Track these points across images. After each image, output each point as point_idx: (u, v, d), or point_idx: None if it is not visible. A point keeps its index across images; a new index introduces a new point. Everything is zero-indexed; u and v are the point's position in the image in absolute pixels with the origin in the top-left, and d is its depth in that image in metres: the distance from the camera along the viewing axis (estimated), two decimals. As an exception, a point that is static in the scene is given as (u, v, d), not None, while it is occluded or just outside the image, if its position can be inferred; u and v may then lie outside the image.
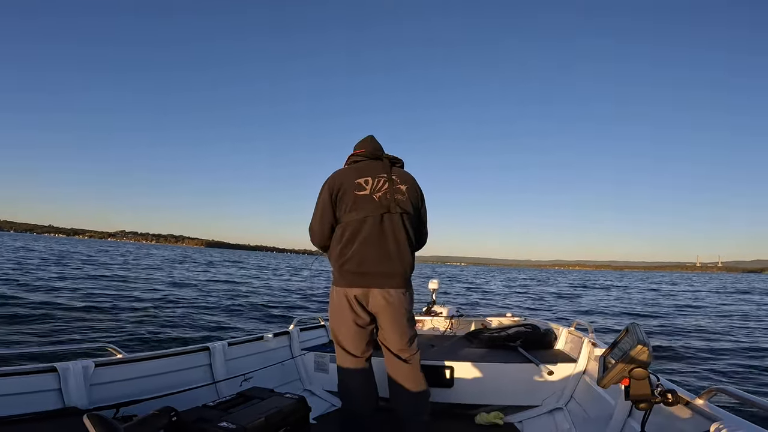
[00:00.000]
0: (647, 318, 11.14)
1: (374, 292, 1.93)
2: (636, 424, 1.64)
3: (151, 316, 7.59)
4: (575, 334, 2.85)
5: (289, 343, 2.86)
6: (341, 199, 1.97)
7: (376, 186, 1.99)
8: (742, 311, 13.31)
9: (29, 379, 1.58)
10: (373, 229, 1.93)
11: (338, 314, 2.00)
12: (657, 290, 23.07)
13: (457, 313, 3.80)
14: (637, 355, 1.30)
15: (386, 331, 2.01)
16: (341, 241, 1.96)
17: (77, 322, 6.75)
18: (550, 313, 12.24)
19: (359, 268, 1.92)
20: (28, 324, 6.34)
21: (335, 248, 1.98)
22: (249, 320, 8.36)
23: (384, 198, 1.97)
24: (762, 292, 23.65)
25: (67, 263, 19.91)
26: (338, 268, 1.97)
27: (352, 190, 1.96)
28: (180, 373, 2.12)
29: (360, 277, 1.93)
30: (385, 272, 1.94)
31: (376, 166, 2.06)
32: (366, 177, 2.00)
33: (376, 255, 1.92)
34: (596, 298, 18.00)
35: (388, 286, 1.94)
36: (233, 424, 1.52)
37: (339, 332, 2.03)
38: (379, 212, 1.94)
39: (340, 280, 1.98)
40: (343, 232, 1.95)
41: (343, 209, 1.96)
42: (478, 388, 2.50)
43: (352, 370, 2.02)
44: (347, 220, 1.95)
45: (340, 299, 1.98)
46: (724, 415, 1.25)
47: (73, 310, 7.66)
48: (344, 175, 2.02)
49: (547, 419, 2.34)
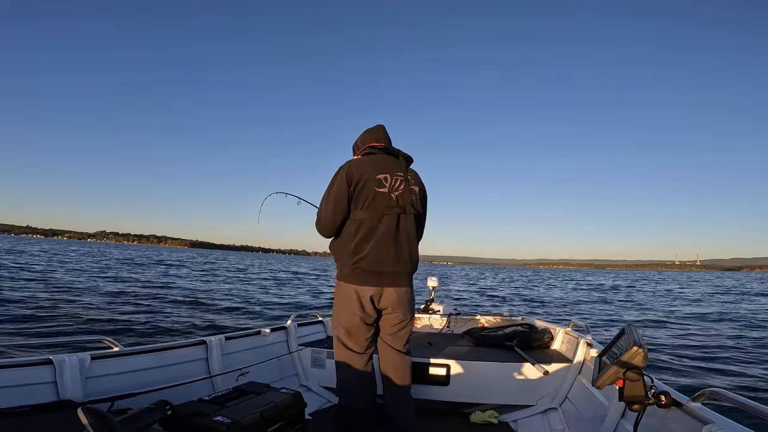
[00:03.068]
0: (644, 320, 11.18)
1: (388, 290, 1.95)
2: (629, 425, 1.65)
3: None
4: (572, 334, 2.86)
5: (286, 338, 2.86)
6: (360, 192, 1.92)
7: (394, 185, 1.98)
8: (741, 313, 13.35)
9: (25, 372, 1.58)
10: (389, 229, 1.92)
11: (346, 311, 1.98)
12: (669, 292, 22.88)
13: (454, 312, 3.81)
14: (632, 357, 1.30)
15: (390, 326, 2.03)
16: (355, 238, 1.92)
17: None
18: (546, 313, 12.28)
19: (375, 267, 1.91)
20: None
21: (347, 244, 1.94)
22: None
23: (401, 198, 1.97)
24: (759, 293, 23.68)
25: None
26: (350, 265, 1.93)
27: (373, 185, 1.93)
28: (176, 366, 2.12)
29: (376, 276, 1.92)
30: (399, 272, 1.96)
31: (393, 162, 2.04)
32: (385, 174, 1.97)
33: (392, 255, 1.93)
34: (596, 299, 18.03)
35: (400, 285, 1.97)
36: (228, 419, 1.52)
37: (344, 329, 2.01)
38: (395, 212, 1.95)
39: (352, 277, 1.94)
40: (358, 228, 1.92)
41: (360, 204, 1.92)
42: (474, 387, 2.51)
43: (353, 367, 2.01)
44: (363, 216, 1.92)
45: (349, 296, 1.95)
46: (717, 418, 1.25)
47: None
48: (363, 167, 1.96)
49: (541, 419, 2.35)
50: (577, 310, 13.09)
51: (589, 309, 13.75)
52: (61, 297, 8.77)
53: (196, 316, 8.02)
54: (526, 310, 12.80)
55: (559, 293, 20.75)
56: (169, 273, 20.04)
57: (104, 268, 19.66)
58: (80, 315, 6.97)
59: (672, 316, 11.96)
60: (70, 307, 7.45)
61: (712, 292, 23.73)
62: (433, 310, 3.85)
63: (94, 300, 8.81)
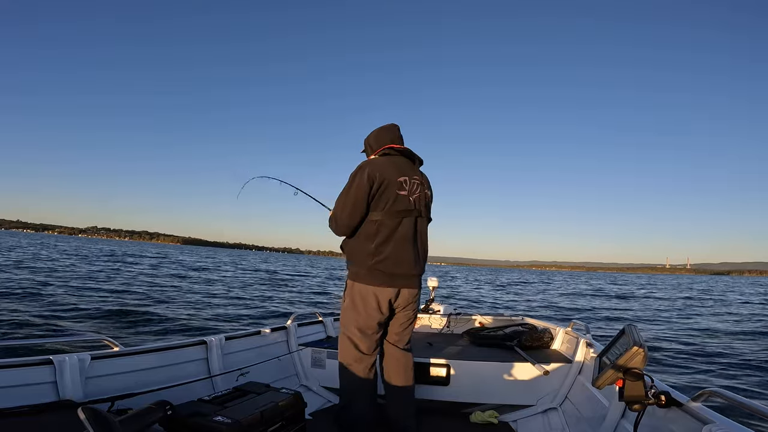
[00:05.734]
0: (644, 321, 11.18)
1: (403, 292, 1.97)
2: (629, 425, 1.65)
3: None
4: (572, 334, 2.86)
5: (286, 338, 2.86)
6: (382, 193, 1.91)
7: (412, 188, 1.99)
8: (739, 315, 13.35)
9: (25, 372, 1.58)
10: (407, 232, 1.93)
11: (360, 312, 1.95)
12: (665, 297, 22.77)
13: (454, 312, 3.81)
14: (633, 357, 1.31)
15: (399, 325, 2.04)
16: (374, 239, 1.90)
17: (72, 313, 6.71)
18: (546, 313, 12.28)
19: (396, 269, 1.91)
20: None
21: (366, 245, 1.92)
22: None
23: (418, 201, 1.99)
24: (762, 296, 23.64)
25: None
26: (369, 266, 1.91)
27: (395, 188, 1.92)
28: (176, 366, 2.12)
29: (395, 278, 1.93)
30: (415, 274, 1.98)
31: (409, 165, 2.05)
32: (405, 177, 1.98)
33: (410, 257, 1.95)
34: (596, 300, 18.03)
35: (414, 286, 2.00)
36: (228, 419, 1.52)
37: (357, 330, 1.97)
38: (413, 215, 1.96)
39: (369, 278, 1.92)
40: (378, 229, 1.90)
41: (382, 206, 1.91)
42: (474, 387, 2.51)
43: (360, 369, 1.99)
44: (383, 218, 1.91)
45: (366, 297, 1.93)
46: (717, 418, 1.25)
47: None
48: (385, 168, 1.95)
49: (542, 419, 2.35)
50: (576, 310, 13.09)
51: (589, 309, 13.76)
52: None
53: (196, 316, 8.01)
54: (526, 310, 12.81)
55: (557, 295, 20.75)
56: (96, 271, 16.45)
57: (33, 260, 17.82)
58: (79, 315, 6.96)
59: (672, 316, 11.97)
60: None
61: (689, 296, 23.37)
62: (433, 310, 3.85)
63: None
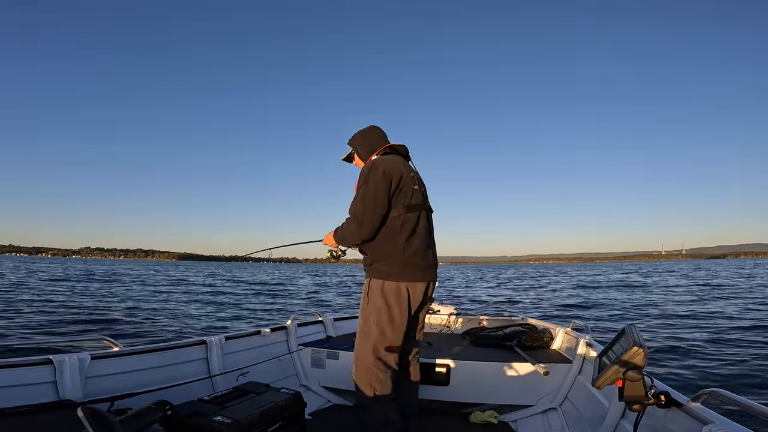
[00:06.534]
0: (644, 319, 11.17)
1: (431, 284, 2.01)
2: (629, 425, 1.65)
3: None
4: (571, 334, 2.86)
5: (286, 338, 2.87)
6: (401, 190, 1.90)
7: (420, 183, 2.05)
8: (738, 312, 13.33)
9: (25, 372, 1.58)
10: (425, 225, 1.98)
11: (393, 310, 1.85)
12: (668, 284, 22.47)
13: (454, 311, 3.81)
14: (633, 357, 1.30)
15: (420, 321, 2.07)
16: (401, 234, 1.88)
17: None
18: (546, 313, 12.27)
19: (424, 262, 1.93)
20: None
21: (395, 242, 1.88)
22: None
23: (425, 195, 2.06)
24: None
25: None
26: (403, 260, 1.87)
27: (411, 184, 1.94)
28: (176, 366, 2.12)
29: (428, 270, 1.96)
30: (437, 264, 2.04)
31: (408, 163, 2.09)
32: (412, 173, 2.03)
33: (433, 249, 2.02)
34: (595, 299, 18.03)
35: (437, 278, 2.05)
36: (228, 419, 1.52)
37: (390, 331, 1.86)
38: (426, 209, 2.02)
39: (404, 274, 1.87)
40: (403, 224, 1.90)
41: (402, 201, 1.90)
42: (474, 387, 2.51)
43: (390, 376, 1.87)
44: (404, 213, 1.91)
45: (400, 294, 1.86)
46: (717, 418, 1.25)
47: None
48: (397, 166, 1.94)
49: (541, 419, 2.35)
50: (576, 310, 13.09)
51: (588, 309, 13.75)
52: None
53: (195, 316, 8.01)
54: (526, 310, 12.80)
55: (556, 291, 20.75)
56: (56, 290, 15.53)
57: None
58: (78, 315, 6.95)
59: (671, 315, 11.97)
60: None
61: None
62: (433, 310, 3.85)
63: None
